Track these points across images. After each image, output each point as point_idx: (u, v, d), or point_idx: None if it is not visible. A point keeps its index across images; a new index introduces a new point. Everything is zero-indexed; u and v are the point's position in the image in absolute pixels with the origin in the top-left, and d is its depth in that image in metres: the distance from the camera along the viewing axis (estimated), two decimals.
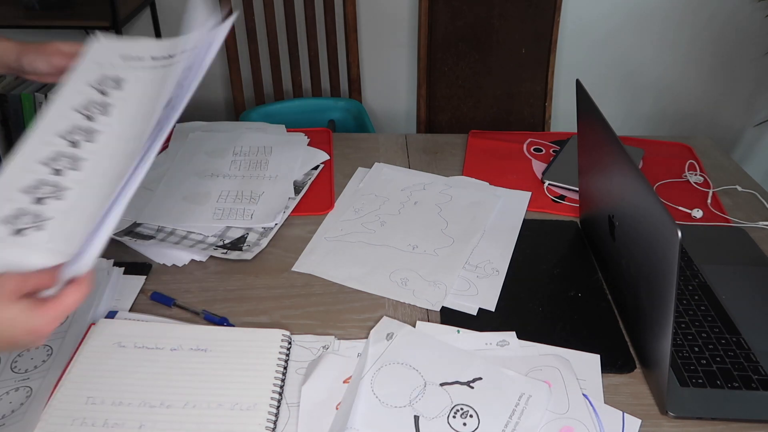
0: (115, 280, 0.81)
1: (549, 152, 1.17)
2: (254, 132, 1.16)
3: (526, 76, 1.73)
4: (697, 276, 0.84)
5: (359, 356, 0.70)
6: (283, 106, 1.73)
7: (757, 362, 0.71)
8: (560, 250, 0.91)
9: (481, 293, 0.81)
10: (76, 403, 0.63)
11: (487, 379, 0.67)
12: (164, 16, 1.84)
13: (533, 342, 0.73)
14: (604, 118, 0.78)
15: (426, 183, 1.06)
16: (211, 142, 1.12)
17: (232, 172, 1.03)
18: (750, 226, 0.97)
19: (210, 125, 1.19)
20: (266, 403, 0.64)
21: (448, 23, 1.67)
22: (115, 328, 0.72)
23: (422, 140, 1.22)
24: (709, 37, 1.93)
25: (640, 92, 2.04)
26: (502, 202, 1.01)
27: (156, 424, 0.62)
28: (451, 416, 0.63)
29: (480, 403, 0.64)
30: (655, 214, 0.61)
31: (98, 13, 1.59)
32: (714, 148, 1.21)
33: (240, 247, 0.88)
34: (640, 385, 0.69)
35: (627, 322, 0.77)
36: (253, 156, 1.07)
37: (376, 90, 2.00)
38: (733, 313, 0.78)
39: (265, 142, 1.12)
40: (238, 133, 1.15)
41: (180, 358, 0.69)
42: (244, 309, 0.78)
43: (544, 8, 1.65)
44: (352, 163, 1.12)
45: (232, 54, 1.67)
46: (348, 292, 0.82)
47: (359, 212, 0.98)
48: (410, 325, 0.75)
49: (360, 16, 1.84)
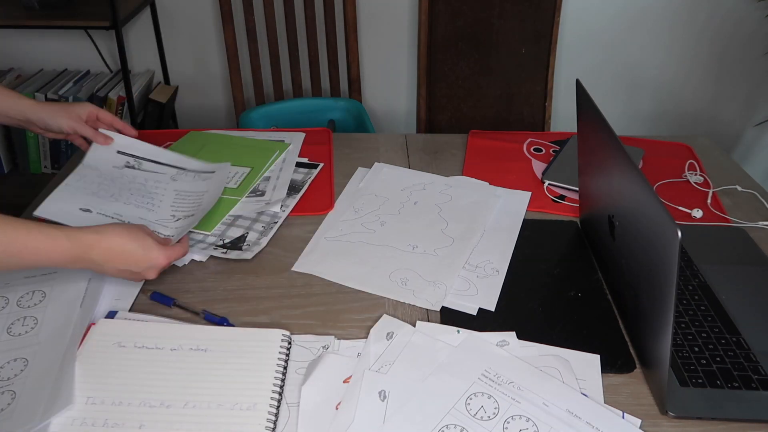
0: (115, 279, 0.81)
1: (549, 152, 1.17)
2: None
3: (526, 76, 1.73)
4: (697, 276, 0.84)
5: (359, 356, 0.70)
6: (283, 106, 1.73)
7: (757, 362, 0.71)
8: (560, 250, 0.91)
9: (481, 293, 0.81)
10: (76, 403, 0.63)
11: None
12: (164, 16, 1.84)
13: (533, 342, 0.73)
14: (604, 118, 0.78)
15: (426, 183, 1.06)
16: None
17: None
18: (750, 226, 0.97)
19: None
20: (266, 403, 0.64)
21: (448, 23, 1.66)
22: (115, 328, 0.72)
23: (422, 140, 1.22)
24: (709, 37, 1.93)
25: (640, 92, 2.04)
26: (502, 202, 1.01)
27: (156, 424, 0.62)
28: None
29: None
30: (655, 214, 0.61)
31: (98, 13, 1.59)
32: (714, 148, 1.21)
33: (240, 247, 0.88)
34: (640, 385, 0.69)
35: (627, 322, 0.77)
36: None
37: (376, 90, 2.00)
38: (733, 313, 0.78)
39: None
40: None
41: (180, 358, 0.69)
42: (244, 309, 0.78)
43: (544, 8, 1.65)
44: (352, 163, 1.12)
45: (232, 54, 1.67)
46: (348, 292, 0.82)
47: (359, 212, 0.98)
48: (410, 324, 0.75)
49: (360, 16, 1.84)
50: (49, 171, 1.80)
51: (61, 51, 1.87)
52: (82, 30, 1.81)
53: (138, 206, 0.92)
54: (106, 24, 1.54)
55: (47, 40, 1.85)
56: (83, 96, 1.71)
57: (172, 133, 1.20)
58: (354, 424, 0.62)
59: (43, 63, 1.89)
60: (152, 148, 1.05)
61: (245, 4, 1.62)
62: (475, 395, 0.66)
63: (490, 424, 0.63)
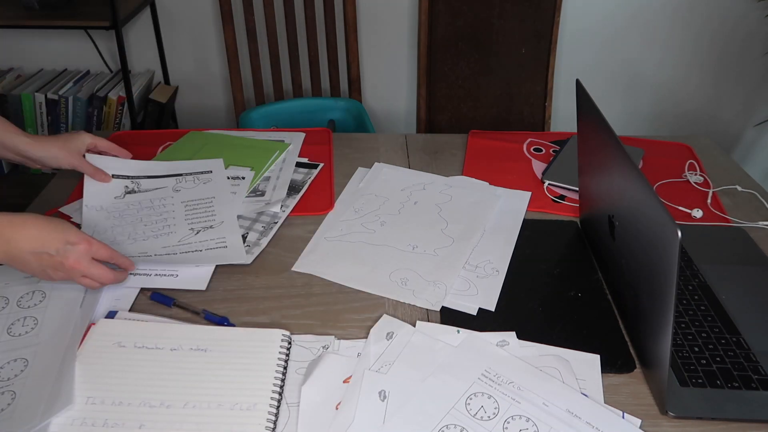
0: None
1: (549, 152, 1.17)
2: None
3: (526, 76, 1.73)
4: (697, 276, 0.84)
5: (359, 356, 0.70)
6: (283, 106, 1.73)
7: (757, 362, 0.71)
8: (560, 250, 0.91)
9: (481, 293, 0.81)
10: (76, 403, 0.63)
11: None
12: (164, 16, 1.84)
13: (533, 342, 0.73)
14: (604, 118, 0.78)
15: (426, 183, 1.06)
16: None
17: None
18: (750, 226, 0.97)
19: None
20: (266, 403, 0.64)
21: (448, 23, 1.66)
22: (115, 328, 0.72)
23: (422, 140, 1.22)
24: (709, 37, 1.93)
25: (640, 92, 2.04)
26: (502, 202, 1.01)
27: (156, 424, 0.62)
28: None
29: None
30: (655, 214, 0.61)
31: (98, 13, 1.59)
32: (714, 148, 1.21)
33: None
34: (640, 385, 0.69)
35: (627, 322, 0.77)
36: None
37: (376, 90, 2.00)
38: (732, 313, 0.78)
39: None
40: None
41: (180, 358, 0.69)
42: (244, 309, 0.78)
43: (544, 8, 1.65)
44: (352, 163, 1.12)
45: (232, 54, 1.67)
46: (348, 292, 0.82)
47: (359, 212, 0.98)
48: (410, 324, 0.75)
49: (360, 16, 1.84)
50: (49, 171, 1.79)
51: (61, 51, 1.87)
52: (82, 30, 1.81)
53: (157, 236, 0.89)
54: (106, 24, 1.54)
55: (47, 40, 1.85)
56: (83, 96, 1.71)
57: (172, 133, 1.20)
58: (354, 424, 0.62)
59: (43, 63, 1.89)
60: (143, 163, 1.03)
61: (245, 4, 1.62)
62: (475, 395, 0.66)
63: (490, 424, 0.63)
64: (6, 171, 1.80)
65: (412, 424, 0.63)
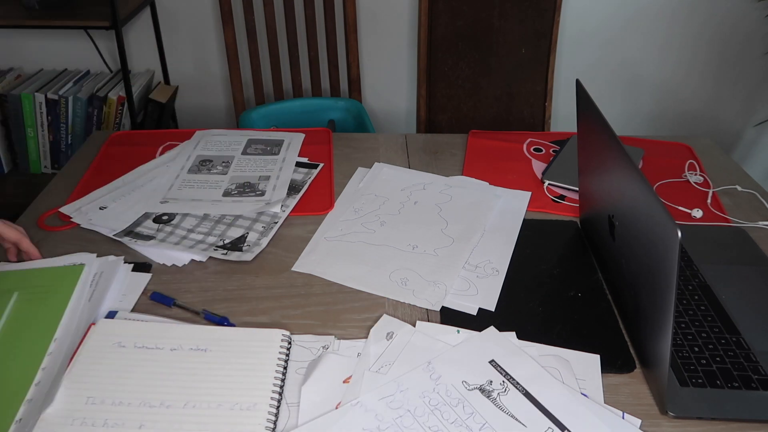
0: (122, 276, 0.82)
1: (549, 152, 1.17)
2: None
3: (526, 76, 1.73)
4: (697, 276, 0.84)
5: (359, 356, 0.70)
6: (283, 106, 1.73)
7: (756, 362, 0.71)
8: (560, 250, 0.91)
9: (481, 293, 0.81)
10: (76, 403, 0.63)
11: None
12: (164, 16, 1.84)
13: (533, 342, 0.73)
14: (604, 118, 0.78)
15: (426, 183, 1.06)
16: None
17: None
18: (750, 226, 0.97)
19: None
20: (266, 403, 0.64)
21: (448, 23, 1.66)
22: (115, 328, 0.72)
23: (422, 140, 1.22)
24: (709, 37, 1.93)
25: (640, 92, 2.04)
26: (502, 202, 1.01)
27: (156, 424, 0.62)
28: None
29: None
30: (655, 214, 0.61)
31: (98, 13, 1.59)
32: (714, 148, 1.21)
33: (240, 248, 0.88)
34: (640, 385, 0.69)
35: (627, 322, 0.77)
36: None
37: (376, 90, 2.00)
38: (733, 313, 0.78)
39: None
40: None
41: (180, 358, 0.69)
42: (244, 309, 0.78)
43: (544, 8, 1.65)
44: (352, 163, 1.12)
45: (232, 54, 1.67)
46: (348, 292, 0.82)
47: (359, 212, 0.98)
48: (410, 324, 0.75)
49: (360, 16, 1.84)
50: (49, 171, 1.80)
51: (61, 51, 1.87)
52: (82, 30, 1.81)
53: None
54: (106, 24, 1.54)
55: (47, 40, 1.85)
56: (83, 96, 1.71)
57: (172, 133, 1.20)
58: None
59: (43, 63, 1.89)
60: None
61: (245, 4, 1.62)
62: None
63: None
64: (6, 171, 1.80)
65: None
